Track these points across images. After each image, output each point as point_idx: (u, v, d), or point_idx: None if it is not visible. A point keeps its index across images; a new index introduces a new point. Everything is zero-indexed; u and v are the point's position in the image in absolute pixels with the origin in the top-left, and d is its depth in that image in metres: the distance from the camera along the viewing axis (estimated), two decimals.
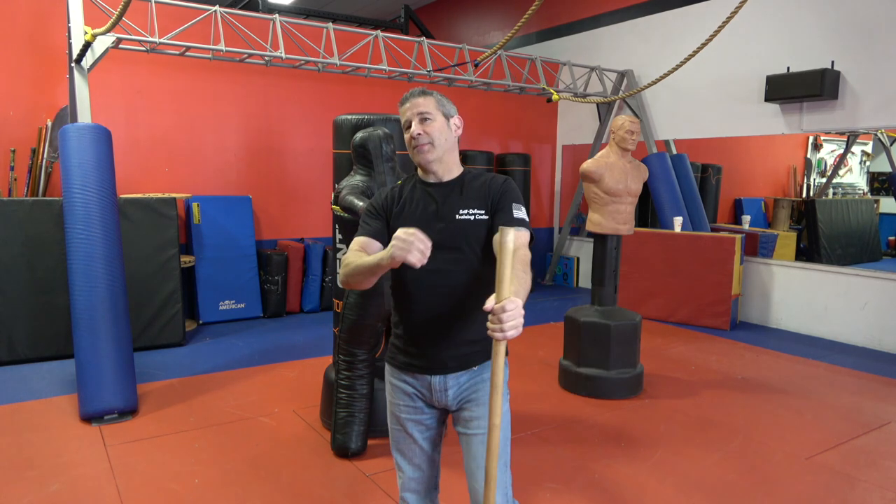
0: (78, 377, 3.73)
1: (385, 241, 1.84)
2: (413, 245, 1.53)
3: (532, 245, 1.81)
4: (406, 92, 1.89)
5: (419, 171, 1.90)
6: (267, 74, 6.53)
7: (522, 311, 1.49)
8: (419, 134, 1.81)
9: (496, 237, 1.67)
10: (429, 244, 1.56)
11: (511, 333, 1.46)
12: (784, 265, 6.45)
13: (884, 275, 5.67)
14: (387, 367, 1.95)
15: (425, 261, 1.56)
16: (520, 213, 1.81)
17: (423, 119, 1.82)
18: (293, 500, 2.91)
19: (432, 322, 1.81)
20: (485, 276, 1.77)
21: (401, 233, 1.56)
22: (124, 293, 3.90)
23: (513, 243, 1.47)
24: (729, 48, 6.48)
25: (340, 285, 1.90)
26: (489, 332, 1.47)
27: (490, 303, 1.49)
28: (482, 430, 1.82)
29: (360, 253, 1.79)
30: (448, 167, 1.86)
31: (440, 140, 1.82)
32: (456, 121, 1.90)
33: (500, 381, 1.52)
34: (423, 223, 1.76)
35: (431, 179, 1.86)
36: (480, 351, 1.84)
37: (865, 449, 3.56)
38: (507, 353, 1.85)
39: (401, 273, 1.80)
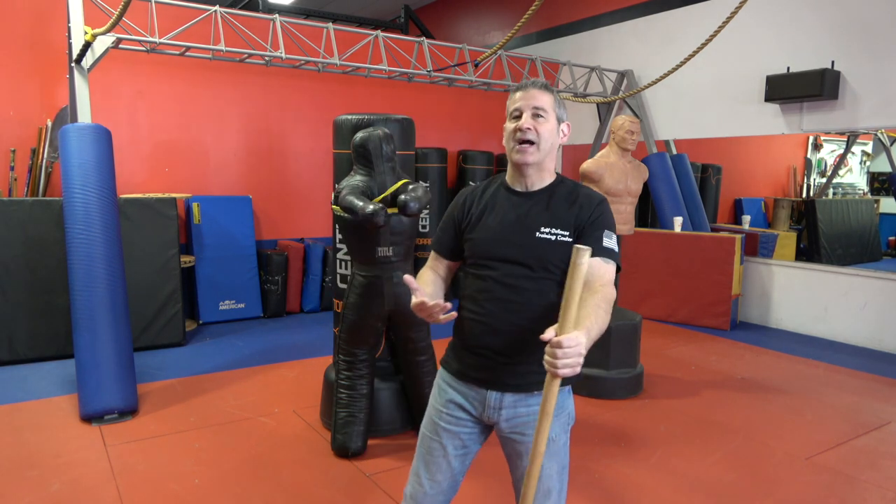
0: (78, 377, 3.73)
1: (454, 254, 1.80)
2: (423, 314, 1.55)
3: (617, 277, 1.70)
4: (516, 84, 1.76)
5: (507, 175, 1.76)
6: (267, 74, 6.53)
7: (583, 351, 1.38)
8: (528, 128, 1.63)
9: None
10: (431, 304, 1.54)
11: (564, 371, 1.37)
12: (784, 265, 6.45)
13: (884, 275, 5.67)
14: (440, 370, 1.85)
15: (439, 317, 1.56)
16: (610, 242, 1.67)
17: (536, 115, 1.66)
18: (293, 500, 2.91)
19: (495, 335, 1.69)
20: (557, 300, 1.61)
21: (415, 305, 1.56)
22: (124, 293, 3.90)
23: (586, 266, 1.37)
24: (729, 48, 6.48)
25: None
26: (544, 361, 1.40)
27: (549, 333, 1.39)
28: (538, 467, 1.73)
29: (428, 273, 1.79)
30: (542, 175, 1.71)
31: (546, 143, 1.67)
32: (564, 127, 1.74)
33: (550, 409, 1.44)
34: (500, 235, 1.67)
35: (518, 187, 1.72)
36: (541, 373, 1.69)
37: (865, 449, 3.56)
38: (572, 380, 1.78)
39: (472, 278, 1.72)
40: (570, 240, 1.65)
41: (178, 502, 2.87)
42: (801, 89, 5.83)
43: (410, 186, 3.19)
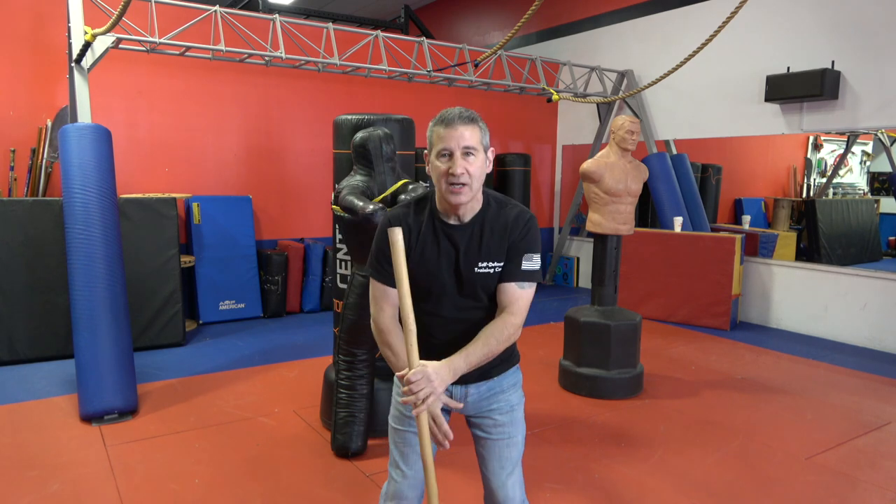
0: (78, 377, 3.73)
1: None
2: (419, 402, 1.60)
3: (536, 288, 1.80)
4: (439, 115, 1.71)
5: (438, 204, 1.74)
6: (267, 74, 6.53)
7: (433, 379, 1.57)
8: (462, 173, 1.61)
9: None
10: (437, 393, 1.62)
11: (422, 408, 1.58)
12: (784, 265, 6.45)
13: (884, 275, 5.67)
14: None
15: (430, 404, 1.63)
16: (530, 263, 1.72)
17: (467, 154, 1.63)
18: (293, 500, 2.91)
19: (450, 350, 1.71)
20: (493, 313, 1.78)
21: (414, 388, 1.59)
22: (124, 293, 3.90)
23: (401, 243, 1.60)
24: (729, 48, 6.48)
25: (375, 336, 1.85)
26: (403, 399, 1.60)
27: (404, 370, 1.62)
28: (506, 436, 1.87)
29: (395, 332, 1.75)
30: (473, 206, 1.72)
31: (478, 181, 1.66)
32: (490, 154, 1.73)
33: (429, 458, 1.64)
34: (442, 272, 1.73)
35: (452, 220, 1.73)
36: (498, 364, 1.84)
37: (865, 449, 3.56)
38: (518, 360, 1.95)
39: (420, 313, 1.75)
40: (503, 265, 1.75)
41: (178, 502, 2.87)
42: (801, 89, 5.83)
43: (410, 186, 3.19)
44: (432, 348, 1.76)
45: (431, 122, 1.71)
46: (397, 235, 1.59)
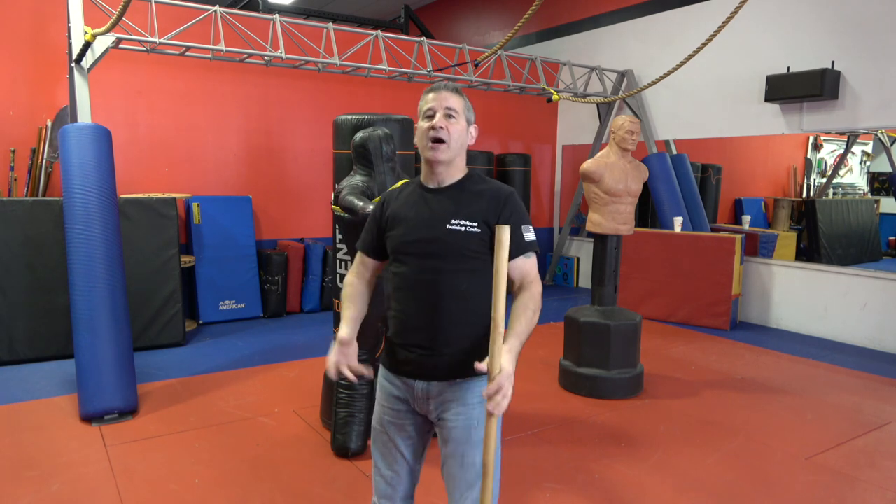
0: (78, 377, 3.73)
1: (379, 254, 1.90)
2: (332, 364, 1.84)
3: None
4: (428, 87, 1.83)
5: (422, 174, 1.85)
6: (267, 74, 6.53)
7: (513, 378, 1.57)
8: (441, 128, 1.73)
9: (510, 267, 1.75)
10: (348, 373, 1.83)
11: (503, 409, 1.56)
12: (784, 265, 6.45)
13: (884, 275, 5.67)
14: (381, 367, 1.93)
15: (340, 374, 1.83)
16: (528, 234, 1.78)
17: (448, 115, 1.75)
18: (293, 500, 2.91)
19: (417, 331, 1.77)
20: (472, 289, 1.74)
21: (337, 355, 1.84)
22: (124, 293, 3.90)
23: (507, 239, 1.55)
24: (729, 48, 6.48)
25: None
26: (487, 405, 1.55)
27: (483, 366, 1.57)
28: (458, 454, 1.77)
29: (355, 284, 1.95)
30: (452, 171, 1.80)
31: (456, 143, 1.77)
32: (473, 130, 1.84)
33: (491, 459, 1.57)
34: (414, 230, 1.77)
35: (431, 184, 1.81)
36: (464, 361, 1.73)
37: (865, 449, 3.56)
38: None
39: (393, 276, 1.83)
40: (479, 231, 1.73)
41: (178, 502, 2.87)
42: (801, 89, 5.84)
43: None
44: (406, 326, 1.79)
45: (423, 94, 1.82)
46: (504, 234, 1.56)
